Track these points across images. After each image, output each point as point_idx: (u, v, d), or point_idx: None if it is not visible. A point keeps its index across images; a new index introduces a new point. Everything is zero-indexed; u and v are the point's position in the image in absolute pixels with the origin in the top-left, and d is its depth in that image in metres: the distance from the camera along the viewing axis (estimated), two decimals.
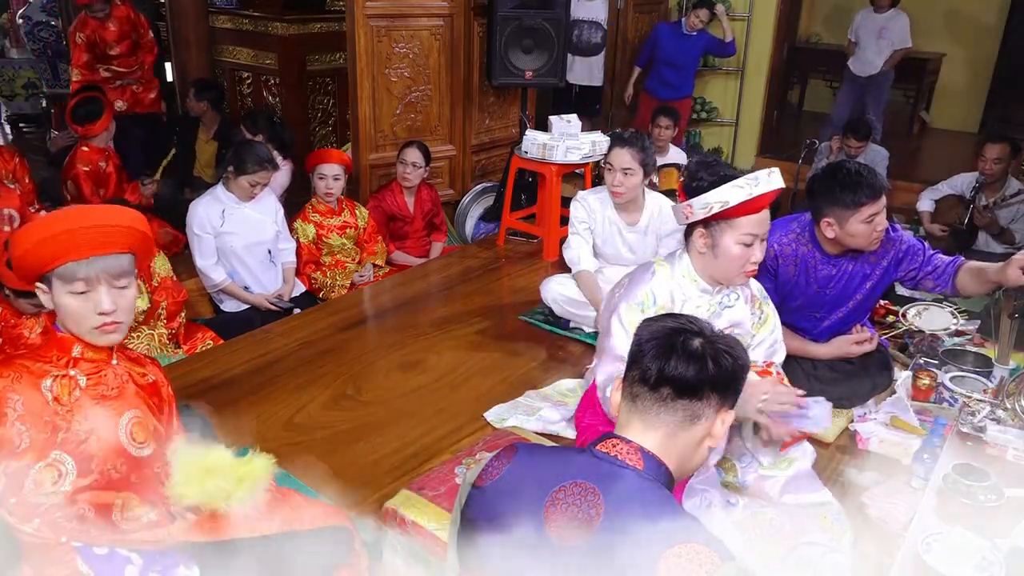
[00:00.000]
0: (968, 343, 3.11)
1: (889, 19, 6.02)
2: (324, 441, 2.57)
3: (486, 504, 1.30)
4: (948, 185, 4.72)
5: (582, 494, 1.21)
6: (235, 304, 3.65)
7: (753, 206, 2.00)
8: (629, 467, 1.24)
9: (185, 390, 2.85)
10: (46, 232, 1.49)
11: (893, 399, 2.67)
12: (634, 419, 1.29)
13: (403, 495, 2.07)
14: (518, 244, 4.45)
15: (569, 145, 4.09)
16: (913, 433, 2.51)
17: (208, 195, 3.59)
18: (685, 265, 2.17)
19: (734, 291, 2.22)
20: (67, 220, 1.51)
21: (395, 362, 3.10)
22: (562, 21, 4.53)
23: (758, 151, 6.90)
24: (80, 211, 1.61)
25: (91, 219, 1.53)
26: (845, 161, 2.55)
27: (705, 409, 1.27)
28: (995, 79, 7.49)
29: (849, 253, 2.58)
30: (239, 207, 3.57)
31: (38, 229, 1.52)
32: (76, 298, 1.54)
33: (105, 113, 4.24)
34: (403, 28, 4.46)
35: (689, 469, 1.33)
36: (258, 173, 3.52)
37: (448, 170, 4.95)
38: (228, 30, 5.68)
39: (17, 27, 7.48)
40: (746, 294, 2.25)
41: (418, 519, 1.96)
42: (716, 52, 6.12)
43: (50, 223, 1.51)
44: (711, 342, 1.29)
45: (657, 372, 1.26)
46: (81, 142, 4.29)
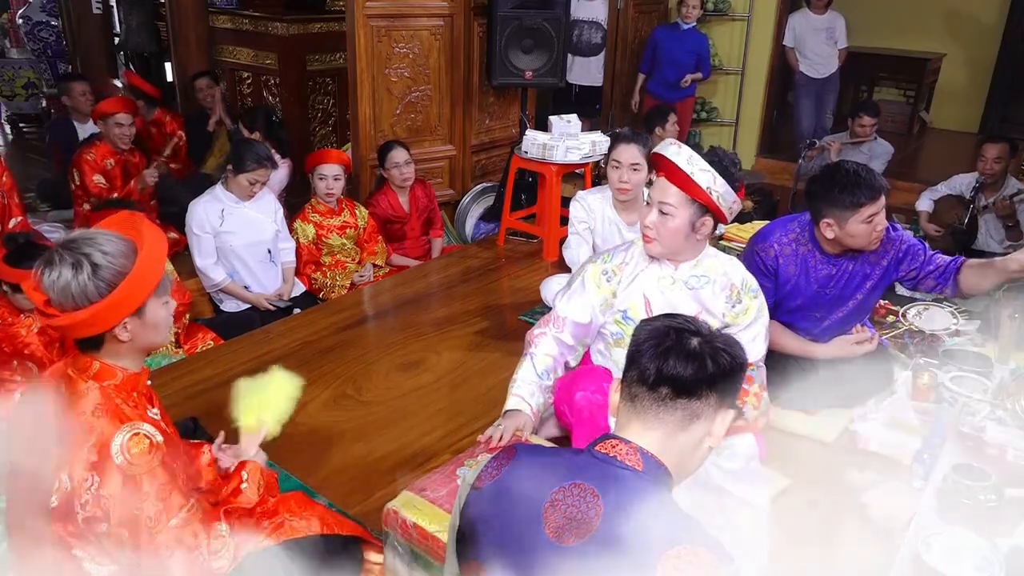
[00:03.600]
0: (968, 343, 3.11)
1: (832, 20, 6.17)
2: (324, 441, 2.57)
3: (485, 505, 1.30)
4: (947, 186, 4.72)
5: (581, 495, 1.21)
6: (235, 304, 3.65)
7: (657, 166, 2.13)
8: (628, 468, 1.24)
9: (185, 390, 2.85)
10: (150, 261, 1.54)
11: (893, 399, 2.66)
12: (633, 419, 1.29)
13: (404, 496, 2.06)
14: (518, 244, 4.45)
15: (569, 145, 4.09)
16: (913, 433, 2.51)
17: (207, 195, 3.59)
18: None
19: (706, 275, 2.23)
20: (151, 242, 1.56)
21: (395, 362, 3.11)
22: (562, 21, 4.53)
23: (758, 151, 6.90)
24: (146, 228, 1.60)
25: (150, 230, 1.59)
26: (844, 162, 2.55)
27: (704, 408, 1.27)
28: (995, 79, 7.50)
29: (849, 253, 2.58)
30: (238, 207, 3.57)
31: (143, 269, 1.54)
32: (165, 307, 1.62)
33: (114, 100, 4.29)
34: (403, 28, 4.46)
35: (689, 469, 1.32)
36: (257, 171, 3.53)
37: (448, 170, 4.95)
38: (228, 30, 5.68)
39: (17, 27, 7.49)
40: (723, 282, 2.24)
41: (419, 520, 1.96)
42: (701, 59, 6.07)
43: (145, 257, 1.54)
44: (709, 341, 1.29)
45: (656, 372, 1.26)
46: (94, 136, 4.33)
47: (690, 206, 2.10)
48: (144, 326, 1.58)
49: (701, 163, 2.06)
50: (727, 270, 2.26)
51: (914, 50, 7.64)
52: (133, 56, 7.27)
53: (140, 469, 1.50)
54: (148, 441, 1.52)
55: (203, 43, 5.63)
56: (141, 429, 1.53)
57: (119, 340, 1.56)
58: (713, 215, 2.14)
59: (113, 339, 1.56)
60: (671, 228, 2.12)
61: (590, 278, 2.31)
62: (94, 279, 1.49)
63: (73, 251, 1.50)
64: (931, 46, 7.64)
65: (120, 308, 1.52)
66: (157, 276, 1.56)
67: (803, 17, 6.23)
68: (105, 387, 1.56)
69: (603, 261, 2.33)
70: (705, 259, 2.26)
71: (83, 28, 6.75)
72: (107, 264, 1.50)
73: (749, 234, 3.46)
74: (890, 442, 2.49)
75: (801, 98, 6.44)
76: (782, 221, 2.73)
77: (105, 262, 1.50)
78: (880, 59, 7.67)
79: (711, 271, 2.25)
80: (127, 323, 1.55)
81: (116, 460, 1.49)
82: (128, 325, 1.55)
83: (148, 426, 1.55)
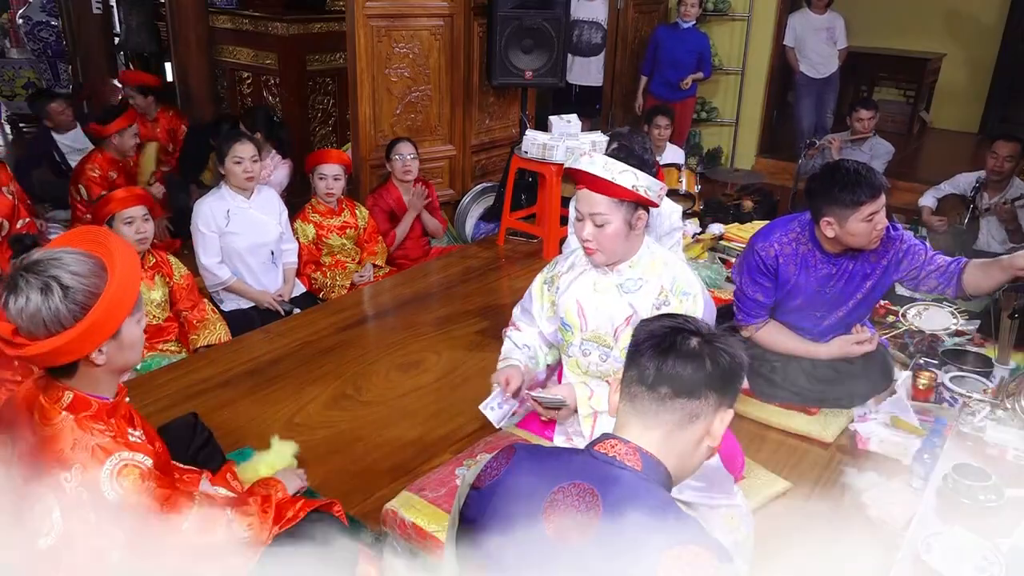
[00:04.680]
0: (968, 343, 3.11)
1: (832, 20, 6.19)
2: (324, 441, 2.57)
3: (485, 505, 1.29)
4: (950, 184, 4.72)
5: (580, 495, 1.21)
6: (235, 303, 3.65)
7: (576, 179, 2.12)
8: (627, 468, 1.24)
9: (185, 390, 2.85)
10: (124, 279, 1.45)
11: (893, 399, 2.66)
12: (632, 419, 1.29)
13: (403, 496, 2.06)
14: (518, 244, 4.45)
15: (569, 145, 4.09)
16: (913, 433, 2.51)
17: (213, 194, 3.59)
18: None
19: (641, 277, 2.20)
20: (123, 260, 1.47)
21: (395, 362, 3.10)
22: (562, 21, 4.53)
23: (758, 151, 6.91)
24: (114, 244, 1.51)
25: (117, 245, 1.51)
26: (844, 161, 2.55)
27: (703, 408, 1.27)
28: (995, 79, 7.50)
29: (849, 252, 2.58)
30: (244, 207, 3.56)
31: (118, 290, 1.44)
32: (139, 325, 1.55)
33: (120, 118, 4.26)
34: (403, 28, 4.46)
35: (689, 469, 1.32)
36: (236, 148, 3.47)
37: (448, 170, 4.95)
38: (228, 30, 5.68)
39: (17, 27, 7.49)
40: (653, 283, 2.19)
41: (418, 520, 1.96)
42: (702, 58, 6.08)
43: (119, 277, 1.44)
44: (708, 341, 1.28)
45: (655, 371, 1.26)
46: (95, 149, 4.33)
47: (621, 207, 2.10)
48: (121, 348, 1.49)
49: (617, 165, 2.06)
50: (661, 271, 2.20)
51: (914, 50, 7.64)
52: (133, 56, 7.27)
53: (136, 498, 1.43)
54: (138, 470, 1.45)
55: (203, 43, 5.63)
56: (129, 459, 1.45)
57: (94, 364, 1.46)
58: (644, 206, 2.14)
59: (88, 364, 1.47)
60: (610, 235, 2.12)
61: (535, 288, 2.40)
62: (66, 302, 1.39)
63: (39, 274, 1.39)
64: (931, 46, 7.64)
65: (97, 333, 1.42)
66: (134, 295, 1.47)
67: (803, 17, 6.25)
68: (81, 419, 1.46)
69: (547, 270, 2.40)
70: (644, 258, 2.21)
71: (83, 28, 6.75)
72: (78, 285, 1.40)
73: (749, 234, 3.46)
74: (890, 442, 2.49)
75: (801, 98, 6.45)
76: (782, 221, 2.73)
77: (76, 283, 1.40)
78: (880, 59, 7.67)
79: (647, 272, 2.21)
80: (103, 347, 1.45)
81: (108, 496, 1.41)
82: (104, 348, 1.46)
83: (135, 454, 1.47)
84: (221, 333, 3.31)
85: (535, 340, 2.43)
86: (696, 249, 4.08)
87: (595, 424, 2.18)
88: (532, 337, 2.43)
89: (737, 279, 2.75)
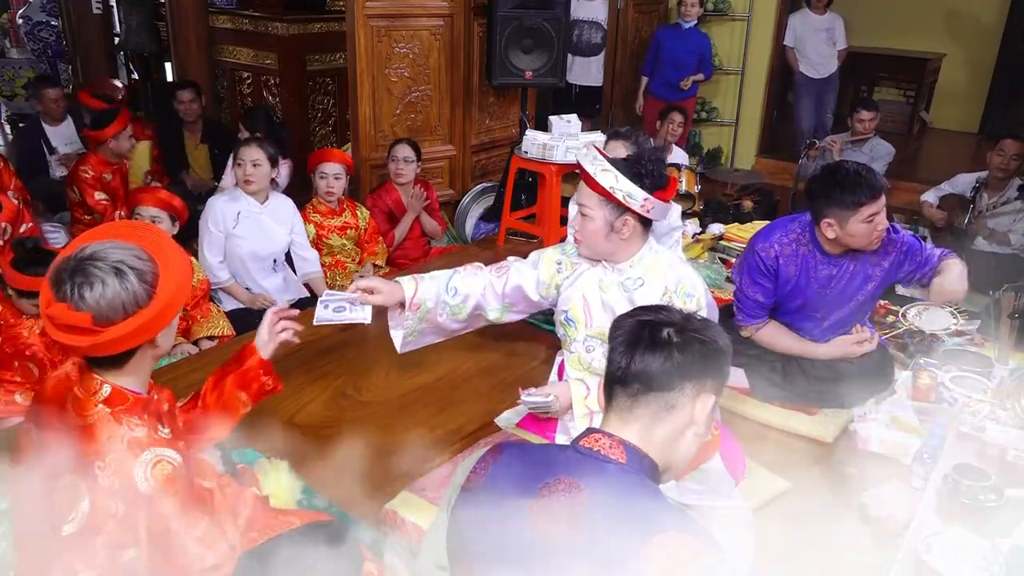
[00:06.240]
0: (968, 343, 3.10)
1: (832, 20, 6.21)
2: (324, 441, 2.57)
3: (474, 505, 1.30)
4: (950, 184, 4.73)
5: (565, 489, 1.21)
6: (235, 302, 3.65)
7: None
8: (612, 461, 1.24)
9: (185, 390, 2.84)
10: (178, 256, 1.51)
11: (893, 399, 2.66)
12: (611, 415, 1.30)
13: (403, 496, 2.07)
14: (518, 244, 4.44)
15: (569, 145, 4.09)
16: (913, 433, 2.51)
17: (227, 194, 3.60)
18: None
19: (641, 277, 2.23)
20: (165, 243, 1.52)
21: (395, 362, 3.09)
22: (562, 21, 4.53)
23: (758, 151, 6.91)
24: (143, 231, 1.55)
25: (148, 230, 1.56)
26: (844, 162, 2.55)
27: (679, 398, 1.26)
28: (995, 79, 7.50)
29: (850, 253, 2.58)
30: (256, 212, 3.55)
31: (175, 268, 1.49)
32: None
33: (115, 121, 4.26)
34: (403, 28, 4.46)
35: (679, 458, 1.31)
36: (240, 149, 3.48)
37: (448, 170, 4.95)
38: (228, 30, 5.68)
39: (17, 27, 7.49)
40: (655, 284, 2.22)
41: (418, 520, 1.96)
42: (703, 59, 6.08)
43: (172, 258, 1.49)
44: (681, 330, 1.27)
45: (625, 367, 1.27)
46: (90, 150, 4.32)
47: (605, 207, 2.13)
48: (168, 331, 1.53)
49: (604, 164, 2.10)
50: (665, 271, 2.23)
51: (914, 50, 7.64)
52: (133, 56, 7.27)
53: (166, 493, 1.45)
54: (171, 467, 1.47)
55: (203, 43, 5.63)
56: (162, 455, 1.47)
57: (154, 347, 1.51)
58: (635, 215, 2.14)
59: (147, 348, 1.51)
60: (590, 230, 2.17)
61: (547, 257, 2.43)
62: (141, 283, 1.43)
63: (104, 260, 1.42)
64: (931, 46, 7.65)
65: (169, 310, 1.47)
66: (190, 273, 1.52)
67: (803, 17, 6.26)
68: (116, 412, 1.48)
69: (562, 252, 2.41)
70: (645, 258, 2.24)
71: (83, 28, 6.76)
72: (145, 267, 1.44)
73: (749, 234, 3.47)
74: (890, 442, 2.49)
75: (801, 98, 6.46)
76: (782, 221, 2.73)
77: (143, 265, 1.44)
78: (880, 59, 7.68)
79: (649, 272, 2.23)
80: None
81: (141, 487, 1.43)
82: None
83: (167, 450, 1.49)
84: (224, 327, 3.31)
85: (476, 292, 2.44)
86: (696, 249, 4.08)
87: (592, 423, 2.18)
88: (475, 288, 2.43)
89: (737, 279, 2.75)
